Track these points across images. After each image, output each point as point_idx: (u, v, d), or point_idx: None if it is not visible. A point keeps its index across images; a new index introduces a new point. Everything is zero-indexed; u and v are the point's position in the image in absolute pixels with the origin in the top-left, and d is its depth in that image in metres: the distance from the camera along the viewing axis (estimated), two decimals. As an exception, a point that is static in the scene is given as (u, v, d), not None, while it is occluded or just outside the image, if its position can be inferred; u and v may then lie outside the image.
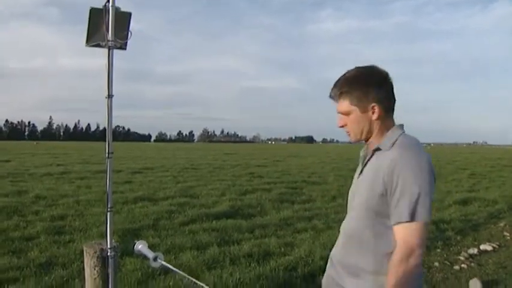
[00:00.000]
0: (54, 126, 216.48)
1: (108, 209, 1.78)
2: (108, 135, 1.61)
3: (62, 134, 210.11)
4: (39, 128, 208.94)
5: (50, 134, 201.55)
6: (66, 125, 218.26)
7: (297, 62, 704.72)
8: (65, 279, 4.31)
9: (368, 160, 1.70)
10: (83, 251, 1.86)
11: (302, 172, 17.02)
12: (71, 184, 11.70)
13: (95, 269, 1.80)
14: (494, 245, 5.96)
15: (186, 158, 27.60)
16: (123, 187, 10.95)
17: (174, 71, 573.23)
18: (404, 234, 1.53)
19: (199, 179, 13.53)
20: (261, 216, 7.69)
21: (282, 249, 5.48)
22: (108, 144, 1.57)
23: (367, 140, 1.72)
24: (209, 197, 9.62)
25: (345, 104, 1.69)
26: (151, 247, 6.02)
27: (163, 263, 2.08)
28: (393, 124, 1.70)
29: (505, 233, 6.81)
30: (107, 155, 1.58)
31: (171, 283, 4.25)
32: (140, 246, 2.01)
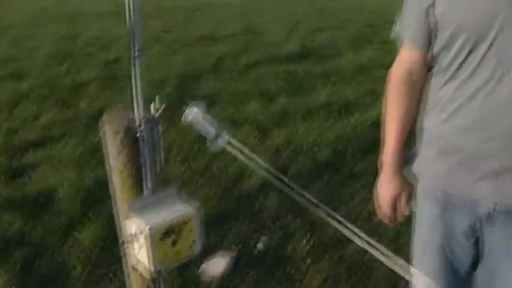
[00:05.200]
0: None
1: (136, 53, 1.08)
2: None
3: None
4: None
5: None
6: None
7: None
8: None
9: None
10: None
11: (378, 12, 15.14)
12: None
13: (119, 156, 1.03)
14: None
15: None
16: (181, 24, 10.03)
17: None
18: None
19: (261, 15, 12.28)
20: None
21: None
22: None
23: None
24: (275, 34, 8.55)
25: None
26: (212, 94, 5.20)
27: (229, 140, 1.22)
28: None
29: None
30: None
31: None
32: (194, 112, 1.18)
